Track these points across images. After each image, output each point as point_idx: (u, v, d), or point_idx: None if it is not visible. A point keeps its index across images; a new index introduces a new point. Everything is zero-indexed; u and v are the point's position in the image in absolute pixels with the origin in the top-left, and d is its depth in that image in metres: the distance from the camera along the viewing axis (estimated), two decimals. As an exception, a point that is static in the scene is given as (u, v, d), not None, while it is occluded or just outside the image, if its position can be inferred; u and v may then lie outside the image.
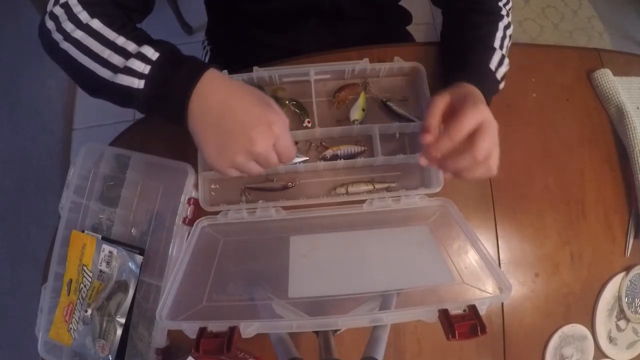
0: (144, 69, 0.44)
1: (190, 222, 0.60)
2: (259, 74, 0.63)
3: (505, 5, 0.62)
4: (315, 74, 0.65)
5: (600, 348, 0.64)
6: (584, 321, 0.64)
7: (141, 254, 0.59)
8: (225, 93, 0.45)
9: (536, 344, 0.63)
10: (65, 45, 0.47)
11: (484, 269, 0.48)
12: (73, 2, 0.49)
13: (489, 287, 0.48)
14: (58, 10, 0.49)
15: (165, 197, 0.61)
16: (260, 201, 0.63)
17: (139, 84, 0.44)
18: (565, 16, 1.75)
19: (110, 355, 0.58)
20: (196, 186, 0.61)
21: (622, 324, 0.66)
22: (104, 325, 0.58)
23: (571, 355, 0.63)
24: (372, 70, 0.67)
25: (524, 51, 0.74)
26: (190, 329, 0.40)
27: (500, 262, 0.64)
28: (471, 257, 0.51)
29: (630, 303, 0.65)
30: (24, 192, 1.51)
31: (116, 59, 0.45)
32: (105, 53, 0.46)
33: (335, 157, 0.64)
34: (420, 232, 0.59)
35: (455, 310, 0.40)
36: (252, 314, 0.47)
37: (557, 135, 0.70)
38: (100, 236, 0.61)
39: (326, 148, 0.64)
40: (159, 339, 0.57)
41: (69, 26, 0.48)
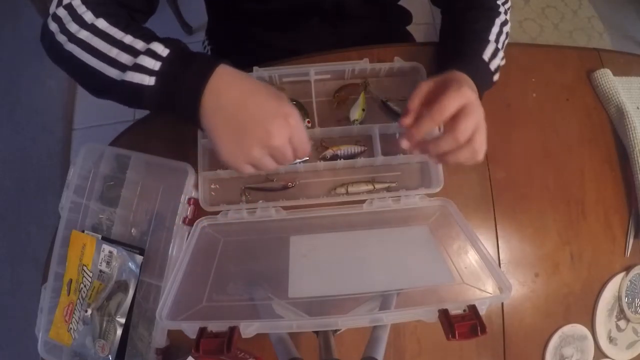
0: (154, 65, 0.43)
1: (190, 222, 0.60)
2: (259, 74, 0.63)
3: (504, 4, 0.62)
4: (315, 74, 0.65)
5: (600, 348, 0.64)
6: (584, 321, 0.64)
7: (141, 254, 0.59)
8: (239, 87, 0.44)
9: (536, 344, 0.63)
10: (70, 47, 0.46)
11: (484, 269, 0.48)
12: (77, 3, 0.48)
13: (489, 287, 0.48)
14: (61, 12, 0.48)
15: (165, 197, 0.61)
16: (260, 201, 0.63)
17: (149, 80, 0.43)
18: (565, 16, 1.75)
19: (110, 355, 0.58)
20: (196, 186, 0.61)
21: (622, 324, 0.66)
22: (104, 325, 0.58)
23: (571, 355, 0.63)
24: (372, 70, 0.67)
25: (524, 51, 0.74)
26: (190, 329, 0.40)
27: (500, 262, 0.64)
28: (471, 257, 0.51)
29: (630, 303, 0.65)
30: (24, 192, 1.51)
31: (124, 58, 0.44)
32: (113, 52, 0.45)
33: (335, 157, 0.64)
34: (420, 232, 0.59)
35: (455, 310, 0.40)
36: (252, 314, 0.47)
37: (557, 135, 0.70)
38: (100, 236, 0.61)
39: (326, 148, 0.64)
40: (159, 339, 0.57)
41: (73, 27, 0.47)
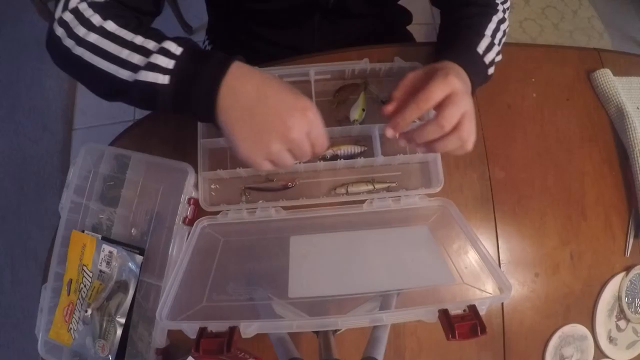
0: (168, 64, 0.43)
1: (190, 222, 0.60)
2: (259, 74, 0.63)
3: (503, 3, 0.62)
4: (315, 74, 0.65)
5: (600, 348, 0.64)
6: (584, 321, 0.64)
7: (141, 254, 0.59)
8: (255, 83, 0.43)
9: (536, 344, 0.63)
10: (78, 51, 0.45)
11: (484, 269, 0.48)
12: (83, 7, 0.47)
13: (489, 287, 0.48)
14: (68, 16, 0.47)
15: (165, 197, 0.61)
16: (260, 201, 0.63)
17: (163, 79, 0.43)
18: (565, 16, 1.75)
19: (110, 355, 0.58)
20: (196, 186, 0.61)
21: (622, 324, 0.66)
22: (104, 325, 0.58)
23: (571, 355, 0.63)
24: (372, 70, 0.67)
25: (524, 51, 0.74)
26: (190, 329, 0.40)
27: (500, 262, 0.64)
28: (471, 257, 0.51)
29: (630, 303, 0.65)
30: (24, 192, 1.51)
31: (136, 58, 0.44)
32: (124, 53, 0.44)
33: (335, 157, 0.64)
34: (420, 232, 0.59)
35: (455, 310, 0.40)
36: (252, 314, 0.47)
37: (557, 135, 0.70)
38: (100, 236, 0.61)
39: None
40: (159, 339, 0.57)
41: (81, 30, 0.46)
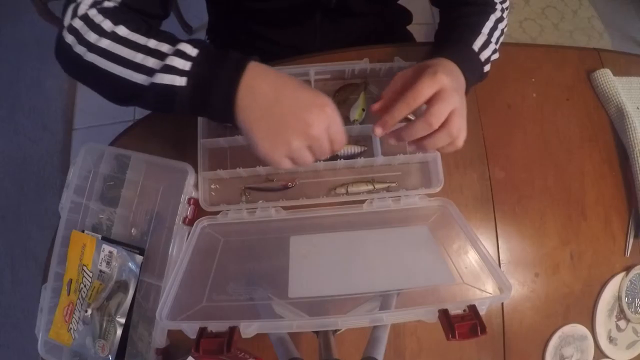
0: (184, 65, 0.43)
1: (190, 222, 0.60)
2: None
3: (502, 3, 0.62)
4: (315, 74, 0.65)
5: (600, 348, 0.64)
6: (584, 321, 0.64)
7: (141, 254, 0.59)
8: (272, 81, 0.44)
9: (536, 344, 0.63)
10: (90, 57, 0.45)
11: (484, 269, 0.48)
12: (93, 13, 0.46)
13: (489, 287, 0.48)
14: (77, 23, 0.46)
15: (165, 197, 0.61)
16: (260, 201, 0.63)
17: (180, 81, 0.43)
18: (565, 16, 1.75)
19: (110, 355, 0.58)
20: (196, 186, 0.61)
21: (622, 324, 0.66)
22: (104, 325, 0.58)
23: (571, 355, 0.63)
24: (372, 70, 0.67)
25: (524, 51, 0.74)
26: (190, 329, 0.40)
27: (500, 262, 0.64)
28: (471, 257, 0.51)
29: (630, 303, 0.65)
30: (24, 192, 1.51)
31: (151, 62, 0.44)
32: (138, 57, 0.44)
33: (335, 157, 0.63)
34: (420, 232, 0.59)
35: (455, 310, 0.40)
36: (252, 314, 0.47)
37: (557, 135, 0.70)
38: (100, 236, 0.61)
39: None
40: (159, 339, 0.57)
41: (92, 36, 0.45)
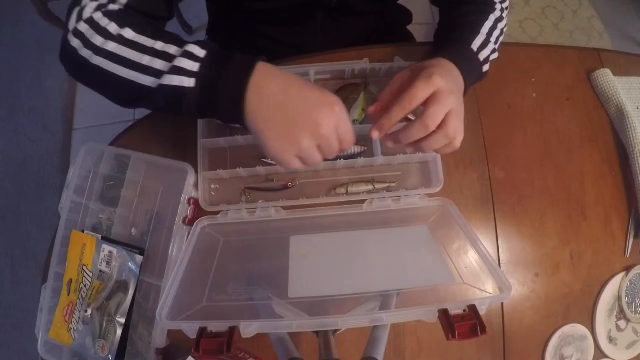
0: (193, 66, 0.43)
1: (190, 222, 0.60)
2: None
3: (502, 3, 0.62)
4: (315, 74, 0.65)
5: (600, 348, 0.64)
6: (584, 321, 0.64)
7: (141, 254, 0.59)
8: (280, 82, 0.44)
9: (536, 344, 0.63)
10: (97, 61, 0.45)
11: (484, 269, 0.48)
12: (98, 16, 0.46)
13: (489, 287, 0.48)
14: (83, 27, 0.46)
15: (165, 197, 0.61)
16: (260, 201, 0.63)
17: (189, 82, 0.43)
18: (565, 16, 1.75)
19: (110, 355, 0.58)
20: (196, 186, 0.61)
21: (622, 324, 0.66)
22: (104, 325, 0.58)
23: (571, 355, 0.63)
24: (372, 70, 0.67)
25: (524, 51, 0.74)
26: (190, 329, 0.40)
27: (500, 262, 0.64)
28: (471, 257, 0.51)
29: (630, 303, 0.65)
30: (24, 192, 1.51)
31: (159, 64, 0.44)
32: (145, 59, 0.44)
33: (335, 157, 0.63)
34: (420, 232, 0.59)
35: (455, 310, 0.40)
36: (252, 314, 0.47)
37: (557, 135, 0.70)
38: (100, 236, 0.61)
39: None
40: (159, 339, 0.57)
41: (98, 40, 0.45)
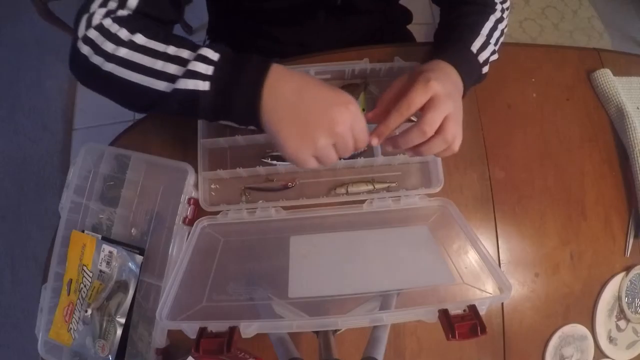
0: (207, 70, 0.43)
1: (190, 222, 0.60)
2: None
3: (502, 3, 0.62)
4: (315, 74, 0.65)
5: (600, 348, 0.64)
6: (584, 321, 0.64)
7: (141, 254, 0.59)
8: (295, 82, 0.44)
9: (536, 344, 0.63)
10: (109, 67, 0.45)
11: (484, 269, 0.48)
12: (108, 23, 0.46)
13: (489, 287, 0.48)
14: (93, 33, 0.46)
15: (165, 197, 0.61)
16: (260, 201, 0.63)
17: (203, 85, 0.43)
18: (565, 16, 1.75)
19: (110, 355, 0.58)
20: (196, 186, 0.61)
21: (622, 324, 0.66)
22: (104, 325, 0.58)
23: (571, 355, 0.63)
24: (372, 70, 0.67)
25: (523, 51, 0.74)
26: (190, 329, 0.40)
27: (500, 262, 0.64)
28: (471, 257, 0.51)
29: (630, 303, 0.65)
30: (24, 192, 1.51)
31: (172, 68, 0.44)
32: (158, 64, 0.44)
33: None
34: (420, 232, 0.59)
35: (455, 310, 0.40)
36: (252, 314, 0.47)
37: (557, 135, 0.70)
38: (100, 236, 0.61)
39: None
40: (159, 339, 0.57)
41: (109, 46, 0.45)
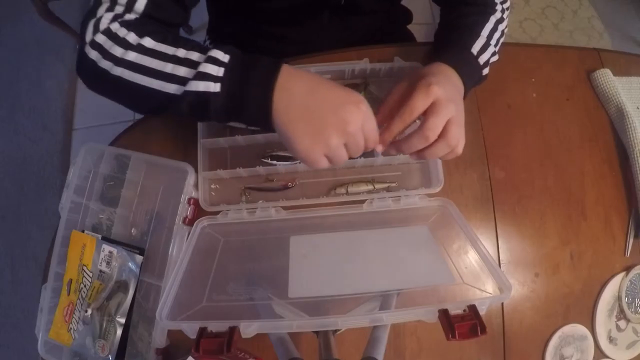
0: (218, 71, 0.43)
1: (190, 222, 0.60)
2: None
3: (503, 3, 0.62)
4: (315, 74, 0.65)
5: (600, 348, 0.64)
6: (584, 321, 0.64)
7: (141, 254, 0.59)
8: (306, 82, 0.44)
9: (536, 344, 0.63)
10: (118, 71, 0.45)
11: (484, 269, 0.48)
12: (116, 27, 0.46)
13: (489, 287, 0.48)
14: (100, 38, 0.46)
15: (165, 197, 0.61)
16: (260, 201, 0.63)
17: (214, 87, 0.43)
18: (565, 16, 1.75)
19: (110, 355, 0.58)
20: (196, 186, 0.61)
21: (622, 324, 0.66)
22: (104, 325, 0.58)
23: (571, 355, 0.63)
24: (372, 70, 0.67)
25: (523, 51, 0.74)
26: (190, 329, 0.40)
27: (500, 262, 0.64)
28: (471, 257, 0.51)
29: (630, 303, 0.65)
30: (24, 192, 1.51)
31: (182, 71, 0.44)
32: (168, 67, 0.44)
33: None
34: (420, 232, 0.59)
35: (455, 310, 0.40)
36: (252, 314, 0.47)
37: (557, 135, 0.70)
38: (100, 236, 0.61)
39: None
40: (159, 339, 0.57)
41: (118, 50, 0.45)
